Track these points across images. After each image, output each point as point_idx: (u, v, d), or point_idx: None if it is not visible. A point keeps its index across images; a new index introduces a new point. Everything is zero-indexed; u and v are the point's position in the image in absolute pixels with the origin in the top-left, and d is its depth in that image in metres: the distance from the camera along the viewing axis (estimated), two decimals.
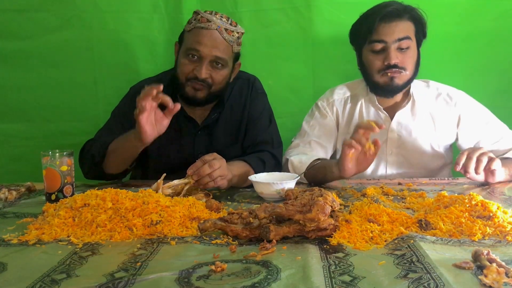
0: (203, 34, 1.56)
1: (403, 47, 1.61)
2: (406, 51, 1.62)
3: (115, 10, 2.05)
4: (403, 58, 1.63)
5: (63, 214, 1.08)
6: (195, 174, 1.36)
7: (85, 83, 2.08)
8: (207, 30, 1.56)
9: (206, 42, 1.56)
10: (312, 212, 0.96)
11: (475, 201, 1.06)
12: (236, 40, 1.62)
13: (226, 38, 1.58)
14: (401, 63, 1.62)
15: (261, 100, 1.78)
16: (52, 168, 1.30)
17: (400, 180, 1.59)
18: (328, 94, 1.82)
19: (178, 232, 1.04)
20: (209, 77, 1.59)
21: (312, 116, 1.80)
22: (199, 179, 1.36)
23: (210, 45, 1.56)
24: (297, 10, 2.05)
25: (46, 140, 2.08)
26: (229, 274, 0.81)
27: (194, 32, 1.58)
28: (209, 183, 1.37)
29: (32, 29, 2.03)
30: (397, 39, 1.60)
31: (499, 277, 0.74)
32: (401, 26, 1.61)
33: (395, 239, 0.96)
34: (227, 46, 1.59)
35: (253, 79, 1.80)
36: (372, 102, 1.75)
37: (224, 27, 1.57)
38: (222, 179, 1.39)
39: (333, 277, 0.79)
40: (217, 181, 1.38)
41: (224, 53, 1.58)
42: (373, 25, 1.61)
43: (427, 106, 1.73)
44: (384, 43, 1.61)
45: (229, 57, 1.61)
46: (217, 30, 1.56)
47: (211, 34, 1.56)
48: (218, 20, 1.57)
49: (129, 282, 0.78)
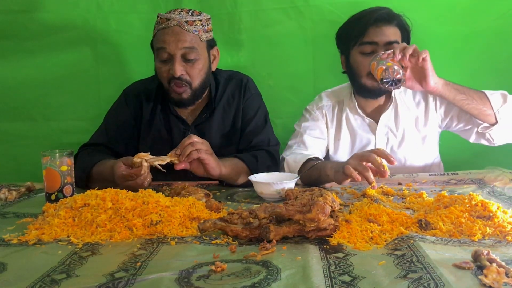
0: (165, 32, 1.58)
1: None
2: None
3: (117, 10, 2.07)
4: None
5: (63, 214, 1.08)
6: (177, 149, 1.39)
7: (87, 83, 2.10)
8: (168, 28, 1.57)
9: (169, 38, 1.56)
10: (312, 212, 0.96)
11: (475, 201, 1.06)
12: (202, 28, 1.61)
13: (189, 29, 1.58)
14: None
15: (255, 100, 1.77)
16: (52, 168, 1.30)
17: (400, 180, 1.59)
18: (317, 100, 1.83)
19: (178, 232, 1.04)
20: (185, 74, 1.59)
21: (304, 120, 1.81)
22: (182, 151, 1.38)
23: (174, 40, 1.56)
24: (297, 10, 2.05)
25: (47, 139, 2.09)
26: (229, 274, 0.81)
27: (158, 35, 1.60)
28: (193, 153, 1.38)
29: (35, 29, 2.04)
30: (387, 42, 1.62)
31: (499, 277, 0.74)
32: (391, 30, 1.63)
33: (395, 239, 0.96)
34: (192, 36, 1.59)
35: (246, 80, 1.79)
36: (355, 110, 1.77)
37: (184, 20, 1.58)
38: (206, 153, 1.41)
39: (333, 277, 0.79)
40: (200, 151, 1.39)
41: (191, 43, 1.58)
42: (364, 27, 1.63)
43: (409, 104, 1.74)
44: (375, 44, 1.62)
45: (198, 47, 1.60)
46: (178, 25, 1.57)
47: (173, 30, 1.57)
48: (177, 15, 1.58)
49: (129, 282, 0.78)
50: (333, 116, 1.80)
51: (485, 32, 1.98)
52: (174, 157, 1.39)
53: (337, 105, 1.81)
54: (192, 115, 1.73)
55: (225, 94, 1.74)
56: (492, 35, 1.98)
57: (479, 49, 2.00)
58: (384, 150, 1.30)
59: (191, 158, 1.40)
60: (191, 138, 1.41)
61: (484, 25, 1.98)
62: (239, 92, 1.75)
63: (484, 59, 2.00)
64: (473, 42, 1.99)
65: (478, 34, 1.99)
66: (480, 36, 1.99)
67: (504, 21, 1.97)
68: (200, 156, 1.40)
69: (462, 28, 1.99)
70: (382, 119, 1.74)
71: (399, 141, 1.75)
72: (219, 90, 1.74)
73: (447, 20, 1.98)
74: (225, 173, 1.49)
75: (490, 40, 1.99)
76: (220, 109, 1.73)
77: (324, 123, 1.79)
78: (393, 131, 1.75)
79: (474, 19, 1.98)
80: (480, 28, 1.98)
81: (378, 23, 1.62)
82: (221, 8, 2.06)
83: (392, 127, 1.75)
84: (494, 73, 2.01)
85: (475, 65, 2.01)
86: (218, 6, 2.05)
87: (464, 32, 1.99)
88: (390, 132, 1.75)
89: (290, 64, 2.09)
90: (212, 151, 1.45)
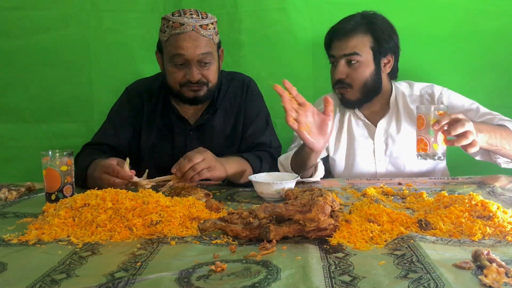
0: (181, 38, 1.55)
1: (352, 61, 1.67)
2: (354, 65, 1.67)
3: (112, 9, 2.04)
4: (351, 73, 1.67)
5: (63, 214, 1.08)
6: (178, 171, 1.35)
7: (80, 84, 2.06)
8: (184, 33, 1.55)
9: (187, 45, 1.55)
10: (312, 212, 0.96)
11: (475, 201, 1.06)
12: (214, 31, 1.62)
13: (205, 35, 1.57)
14: (347, 78, 1.68)
15: (257, 101, 1.77)
16: (52, 168, 1.30)
17: (400, 180, 1.59)
18: (320, 101, 1.83)
19: (178, 232, 1.04)
20: (201, 77, 1.60)
21: None
22: (184, 175, 1.35)
23: (192, 47, 1.55)
24: (297, 10, 2.05)
25: (39, 141, 2.06)
26: (229, 274, 0.81)
27: (172, 40, 1.57)
28: (194, 177, 1.35)
29: (27, 27, 2.00)
30: (342, 54, 1.67)
31: (499, 277, 0.74)
32: (352, 42, 1.66)
33: (395, 239, 0.96)
34: (208, 41, 1.59)
35: (248, 81, 1.79)
36: (355, 113, 1.78)
37: (199, 24, 1.56)
38: (208, 171, 1.38)
39: (333, 277, 0.79)
40: (202, 173, 1.36)
41: (208, 49, 1.58)
42: (329, 41, 1.71)
43: (410, 110, 1.73)
44: (334, 58, 1.69)
45: (213, 50, 1.61)
46: (193, 30, 1.55)
47: (190, 36, 1.55)
48: (190, 20, 1.56)
49: (129, 282, 0.78)
50: (335, 118, 1.78)
51: (485, 32, 1.98)
52: (176, 179, 1.37)
53: (339, 107, 1.81)
54: (194, 115, 1.73)
55: (226, 95, 1.74)
56: (492, 35, 1.98)
57: (479, 49, 2.00)
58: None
59: (194, 182, 1.39)
60: (191, 161, 1.35)
61: (484, 25, 1.98)
62: (241, 93, 1.75)
63: (484, 59, 2.00)
64: (473, 42, 1.99)
65: (478, 34, 1.99)
66: (480, 36, 1.99)
67: (504, 21, 1.98)
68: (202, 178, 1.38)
69: (462, 28, 1.99)
70: (380, 125, 1.75)
71: (398, 148, 1.74)
72: (221, 90, 1.74)
73: (447, 20, 1.98)
74: (230, 174, 1.49)
75: (490, 40, 1.99)
76: (222, 110, 1.73)
77: None
78: (393, 137, 1.74)
79: (474, 19, 1.98)
80: (480, 28, 1.98)
81: (338, 36, 1.68)
82: (221, 8, 2.06)
83: (392, 132, 1.74)
84: (494, 73, 2.01)
85: (475, 65, 2.01)
86: (218, 6, 2.05)
87: (464, 32, 1.99)
88: (389, 138, 1.75)
89: (290, 64, 2.09)
90: (215, 160, 1.42)
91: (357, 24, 1.67)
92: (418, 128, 1.34)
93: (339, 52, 1.67)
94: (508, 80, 2.01)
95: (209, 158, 1.39)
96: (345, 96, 1.72)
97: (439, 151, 1.31)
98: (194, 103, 1.67)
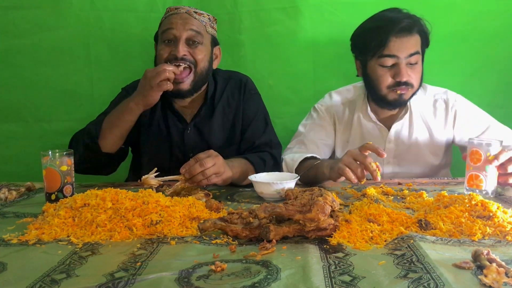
0: (174, 17, 1.61)
1: (412, 62, 1.58)
2: (414, 66, 1.60)
3: (112, 8, 2.04)
4: (412, 74, 1.59)
5: (63, 214, 1.08)
6: (187, 172, 1.35)
7: (80, 83, 2.06)
8: (177, 14, 1.61)
9: (178, 21, 1.60)
10: (312, 212, 0.96)
11: (475, 201, 1.06)
12: (208, 22, 1.65)
13: (197, 18, 1.62)
14: (410, 79, 1.59)
15: (255, 100, 1.77)
16: (52, 168, 1.30)
17: (400, 180, 1.59)
18: (327, 98, 1.81)
19: (178, 232, 1.04)
20: (188, 54, 1.59)
21: (310, 118, 1.79)
22: (192, 177, 1.35)
23: (182, 23, 1.59)
24: (297, 10, 2.05)
25: (39, 140, 2.05)
26: (229, 274, 0.81)
27: (166, 21, 1.63)
28: (203, 181, 1.35)
29: (26, 27, 2.00)
30: (408, 54, 1.57)
31: (499, 277, 0.74)
32: (412, 41, 1.57)
33: (395, 239, 0.96)
34: (199, 24, 1.62)
35: (245, 80, 1.78)
36: (367, 114, 1.73)
37: (193, 10, 1.63)
38: (217, 177, 1.38)
39: (333, 277, 0.79)
40: (211, 179, 1.36)
41: (198, 28, 1.61)
42: (385, 39, 1.56)
43: (424, 114, 1.72)
44: (396, 58, 1.57)
45: (204, 34, 1.63)
46: (187, 12, 1.61)
47: (181, 16, 1.61)
48: (186, 7, 1.64)
49: (129, 282, 0.78)
50: (342, 116, 1.77)
51: (485, 32, 1.98)
52: (184, 180, 1.36)
53: (348, 106, 1.77)
54: (190, 114, 1.73)
55: (224, 94, 1.74)
56: (492, 35, 1.98)
57: (479, 49, 2.00)
58: (373, 144, 1.30)
59: (202, 185, 1.38)
60: (202, 165, 1.34)
61: (484, 25, 1.98)
62: (238, 92, 1.75)
63: (484, 59, 2.00)
64: (473, 42, 1.99)
65: (478, 34, 1.99)
66: (480, 36, 1.99)
67: (504, 21, 1.97)
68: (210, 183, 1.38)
69: (462, 28, 1.99)
70: (394, 127, 1.71)
71: (409, 151, 1.72)
72: (217, 89, 1.73)
73: (447, 20, 1.98)
74: (235, 177, 1.49)
75: (490, 40, 1.99)
76: (219, 109, 1.72)
77: (331, 124, 1.77)
78: (404, 139, 1.71)
79: (474, 19, 1.98)
80: (480, 28, 1.98)
81: (399, 34, 1.55)
82: (221, 8, 2.06)
83: (404, 136, 1.71)
84: (494, 73, 2.01)
85: (475, 65, 2.01)
86: (218, 6, 2.05)
87: (464, 32, 1.99)
88: (400, 140, 1.72)
89: (290, 64, 2.09)
90: (224, 165, 1.41)
91: (412, 23, 1.57)
92: (473, 163, 1.31)
93: (405, 51, 1.55)
94: (508, 80, 2.01)
95: (219, 164, 1.38)
96: (403, 97, 1.62)
97: (494, 187, 1.31)
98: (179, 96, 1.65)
